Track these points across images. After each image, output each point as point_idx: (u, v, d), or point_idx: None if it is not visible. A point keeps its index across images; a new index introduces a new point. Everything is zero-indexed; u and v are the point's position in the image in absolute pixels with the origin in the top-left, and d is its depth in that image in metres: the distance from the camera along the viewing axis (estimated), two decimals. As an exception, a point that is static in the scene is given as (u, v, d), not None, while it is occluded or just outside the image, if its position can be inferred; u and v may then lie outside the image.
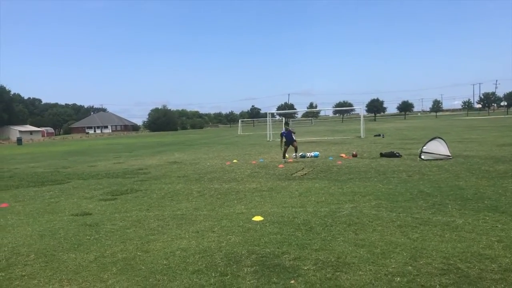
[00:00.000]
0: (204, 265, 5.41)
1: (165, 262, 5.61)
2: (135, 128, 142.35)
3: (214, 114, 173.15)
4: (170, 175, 14.91)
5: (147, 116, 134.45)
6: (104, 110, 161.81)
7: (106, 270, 5.41)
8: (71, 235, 7.20)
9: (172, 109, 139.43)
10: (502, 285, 4.35)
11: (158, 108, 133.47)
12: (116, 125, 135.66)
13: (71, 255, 6.13)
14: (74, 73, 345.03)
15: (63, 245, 6.66)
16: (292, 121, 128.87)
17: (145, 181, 13.64)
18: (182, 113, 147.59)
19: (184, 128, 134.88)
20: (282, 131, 18.35)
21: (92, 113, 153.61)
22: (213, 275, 5.05)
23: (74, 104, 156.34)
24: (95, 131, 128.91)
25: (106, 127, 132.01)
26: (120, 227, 7.65)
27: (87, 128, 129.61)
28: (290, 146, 18.02)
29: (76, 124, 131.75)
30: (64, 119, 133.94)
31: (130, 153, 29.03)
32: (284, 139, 18.08)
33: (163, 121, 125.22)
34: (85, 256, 6.03)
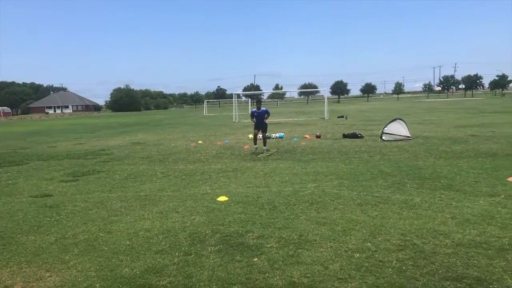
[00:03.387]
0: (168, 245, 5.42)
1: (128, 242, 5.59)
2: (97, 108, 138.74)
3: (179, 94, 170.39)
4: (133, 156, 14.71)
5: (110, 96, 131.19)
6: (64, 89, 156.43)
7: (67, 252, 5.34)
8: (30, 217, 7.04)
9: (135, 89, 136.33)
10: (454, 259, 4.58)
11: (120, 87, 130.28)
12: (77, 105, 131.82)
13: (31, 237, 6.01)
14: (32, 50, 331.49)
15: (21, 227, 6.51)
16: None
17: (108, 162, 13.41)
18: (146, 93, 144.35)
19: (147, 108, 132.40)
20: (253, 110, 14.79)
21: (52, 92, 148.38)
22: (177, 254, 5.07)
23: (33, 83, 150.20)
24: (55, 111, 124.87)
25: (66, 107, 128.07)
26: (81, 208, 7.52)
27: (46, 108, 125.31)
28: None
29: (35, 104, 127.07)
30: (22, 98, 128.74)
31: (92, 133, 28.38)
32: (254, 120, 14.54)
33: (126, 101, 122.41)
34: (45, 238, 5.92)
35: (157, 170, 11.42)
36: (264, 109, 14.70)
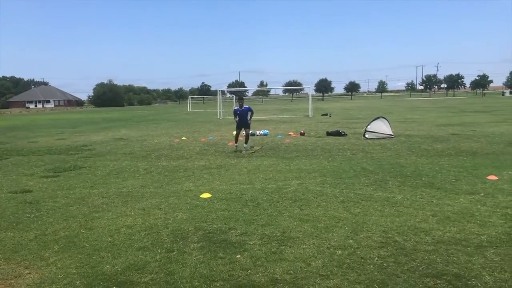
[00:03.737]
0: (150, 242, 5.38)
1: (109, 239, 5.53)
2: (79, 103, 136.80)
3: (163, 90, 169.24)
4: (115, 152, 14.56)
5: (92, 91, 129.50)
6: (46, 83, 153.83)
7: (47, 248, 5.25)
8: (9, 213, 6.91)
9: (118, 84, 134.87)
10: (435, 256, 4.64)
11: (104, 83, 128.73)
12: (59, 100, 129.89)
13: (9, 233, 5.90)
14: (12, 43, 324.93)
15: (0, 223, 6.39)
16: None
17: (90, 157, 13.25)
18: (129, 89, 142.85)
19: (131, 104, 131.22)
20: (236, 108, 14.20)
21: (33, 86, 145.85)
22: (159, 251, 5.03)
23: (13, 77, 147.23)
24: (36, 105, 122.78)
25: (48, 101, 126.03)
26: (62, 204, 7.42)
27: (27, 103, 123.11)
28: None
29: (15, 98, 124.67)
30: (2, 92, 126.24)
31: (73, 129, 28.00)
32: (237, 119, 13.93)
33: (109, 96, 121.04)
34: (25, 235, 5.82)
35: (139, 166, 11.32)
36: (247, 106, 14.06)
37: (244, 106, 13.99)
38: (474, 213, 6.15)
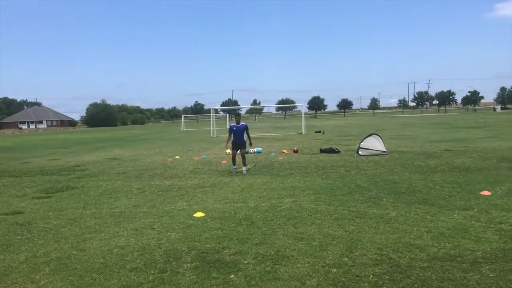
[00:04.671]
0: (142, 262, 5.31)
1: (102, 260, 5.44)
2: (72, 123, 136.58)
3: (157, 109, 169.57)
4: (108, 172, 14.47)
5: (86, 111, 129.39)
6: (39, 104, 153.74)
7: (38, 271, 5.16)
8: None
9: (111, 104, 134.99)
10: (430, 273, 4.61)
11: (97, 102, 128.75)
12: (52, 120, 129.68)
13: (0, 256, 5.80)
14: (5, 64, 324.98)
15: (-10, 246, 6.28)
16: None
17: (82, 178, 13.15)
18: (122, 108, 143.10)
19: (124, 123, 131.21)
20: (232, 125, 13.39)
21: (25, 107, 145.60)
22: (152, 272, 4.96)
23: (6, 98, 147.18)
24: (29, 126, 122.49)
25: (41, 122, 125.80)
26: (54, 225, 7.32)
27: (20, 123, 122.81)
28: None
29: (8, 119, 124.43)
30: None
31: (66, 149, 27.86)
32: (231, 137, 13.23)
33: (102, 116, 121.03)
34: (15, 257, 5.72)
35: (133, 186, 11.24)
36: (244, 124, 13.37)
37: (241, 123, 13.34)
38: (469, 228, 6.15)
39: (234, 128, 13.12)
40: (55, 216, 8.03)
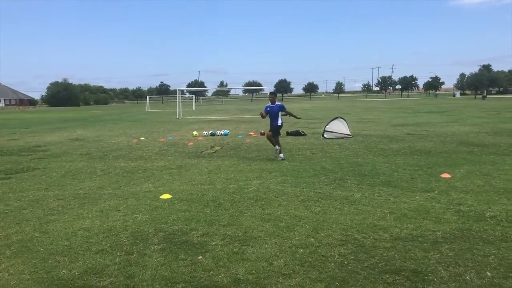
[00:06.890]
0: (108, 244, 5.23)
1: (66, 243, 5.33)
2: (32, 102, 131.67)
3: (120, 89, 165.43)
4: (71, 152, 14.10)
5: (46, 90, 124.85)
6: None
7: (-2, 254, 5.01)
8: (-44, 218, 6.54)
9: (74, 83, 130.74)
10: (393, 252, 4.76)
11: (58, 81, 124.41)
12: (10, 99, 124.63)
13: (-43, 239, 5.59)
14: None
15: None
16: (202, 99, 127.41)
17: (44, 159, 12.76)
18: (85, 88, 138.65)
19: (87, 103, 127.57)
20: (267, 106, 11.94)
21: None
22: (118, 254, 4.90)
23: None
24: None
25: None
26: (15, 207, 7.10)
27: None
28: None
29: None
30: None
31: (26, 129, 26.91)
32: (267, 116, 11.88)
33: (63, 95, 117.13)
34: (-26, 240, 5.52)
35: (97, 167, 11.01)
36: (279, 103, 11.97)
37: (277, 103, 11.92)
38: (430, 210, 6.36)
39: (268, 109, 11.86)
40: (15, 198, 7.78)
